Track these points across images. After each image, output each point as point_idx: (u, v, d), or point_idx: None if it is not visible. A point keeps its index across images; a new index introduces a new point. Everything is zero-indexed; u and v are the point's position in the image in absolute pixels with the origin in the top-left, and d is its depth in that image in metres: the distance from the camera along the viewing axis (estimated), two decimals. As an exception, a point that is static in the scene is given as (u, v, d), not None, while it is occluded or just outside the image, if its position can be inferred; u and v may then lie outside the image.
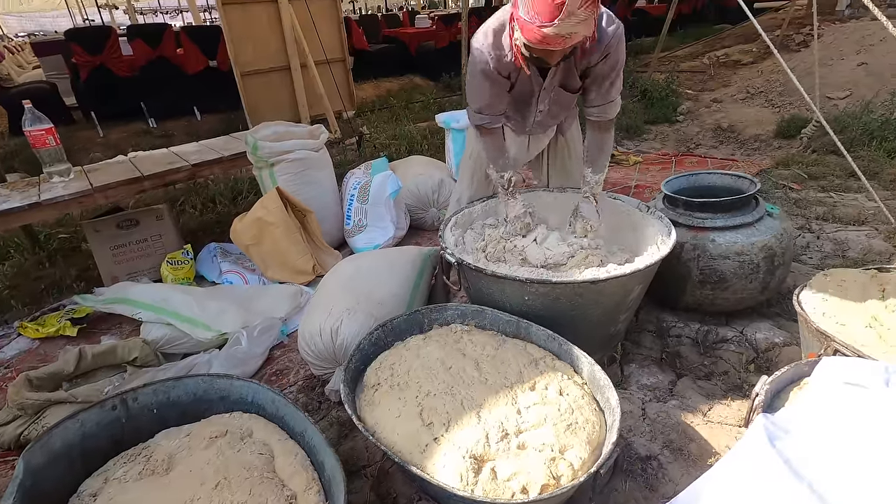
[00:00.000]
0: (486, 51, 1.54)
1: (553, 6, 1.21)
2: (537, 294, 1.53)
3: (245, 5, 4.80)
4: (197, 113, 5.57)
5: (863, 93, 4.39)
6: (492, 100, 1.64)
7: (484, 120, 1.68)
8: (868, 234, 2.54)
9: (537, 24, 1.26)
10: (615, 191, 3.43)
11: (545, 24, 1.25)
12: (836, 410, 1.12)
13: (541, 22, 1.25)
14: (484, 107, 1.66)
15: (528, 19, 1.27)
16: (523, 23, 1.30)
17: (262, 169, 2.64)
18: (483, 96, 1.63)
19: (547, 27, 1.25)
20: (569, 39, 1.30)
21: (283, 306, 2.19)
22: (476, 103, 1.67)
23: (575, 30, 1.27)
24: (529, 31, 1.30)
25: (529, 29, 1.29)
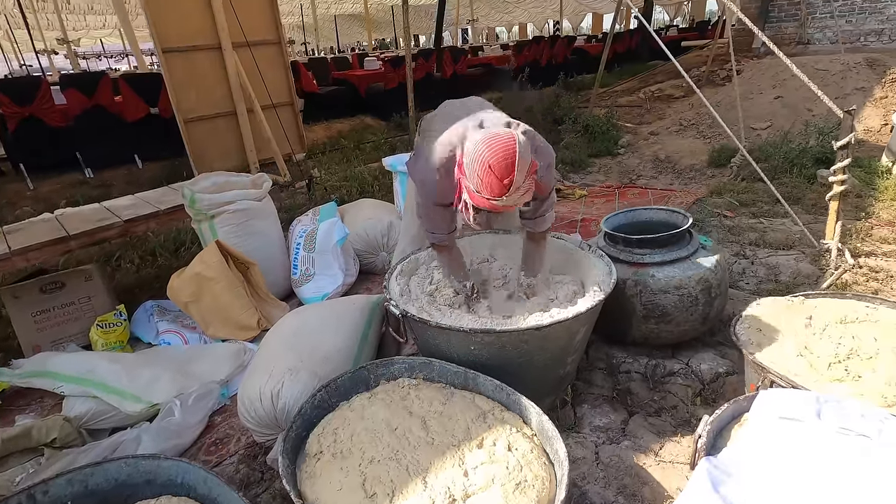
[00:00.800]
0: (437, 186, 1.59)
1: (502, 185, 1.33)
2: (483, 343, 1.51)
3: (187, 53, 4.75)
4: (138, 161, 5.38)
5: (781, 123, 4.76)
6: (442, 223, 1.71)
7: (437, 238, 1.73)
8: (796, 257, 2.69)
9: (486, 196, 1.36)
10: (562, 225, 3.51)
11: (494, 198, 1.35)
12: (773, 447, 1.13)
13: (490, 196, 1.35)
14: (435, 227, 1.71)
15: (478, 192, 1.37)
16: (473, 194, 1.40)
17: (202, 221, 2.54)
18: (436, 222, 1.70)
19: (496, 200, 1.36)
20: (513, 206, 1.44)
21: (225, 367, 2.08)
22: (428, 225, 1.72)
23: (519, 200, 1.40)
24: (479, 200, 1.40)
25: (478, 199, 1.39)
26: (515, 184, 1.33)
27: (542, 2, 23.39)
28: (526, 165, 1.35)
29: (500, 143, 1.33)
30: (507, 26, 29.65)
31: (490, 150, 1.33)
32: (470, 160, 1.37)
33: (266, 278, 2.59)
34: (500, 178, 1.32)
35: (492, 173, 1.32)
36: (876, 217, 3.12)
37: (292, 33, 25.98)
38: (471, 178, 1.37)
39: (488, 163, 1.32)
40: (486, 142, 1.35)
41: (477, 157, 1.35)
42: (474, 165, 1.35)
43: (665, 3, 23.98)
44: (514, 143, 1.34)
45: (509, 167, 1.32)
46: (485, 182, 1.34)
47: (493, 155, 1.32)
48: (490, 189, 1.34)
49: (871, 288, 2.34)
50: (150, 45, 4.74)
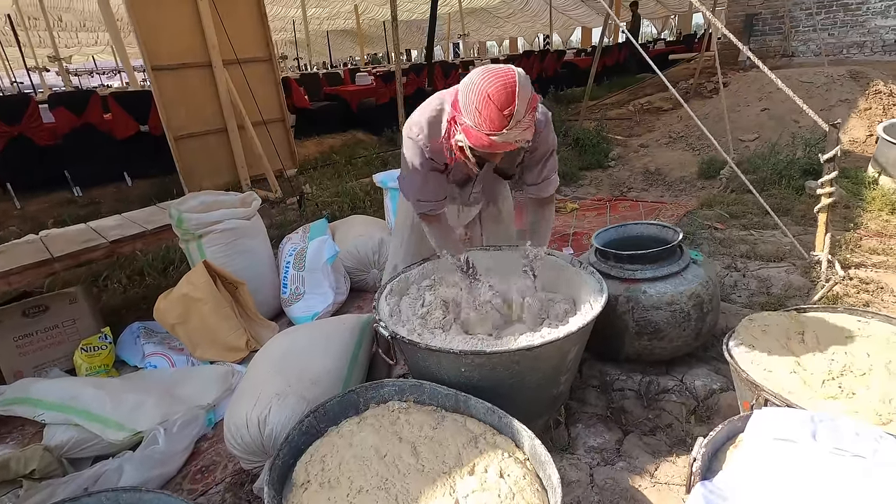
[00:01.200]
0: (422, 144, 1.54)
1: (502, 117, 1.24)
2: (473, 365, 1.48)
3: (177, 71, 4.76)
4: (128, 179, 5.35)
5: (768, 135, 4.81)
6: (433, 189, 1.64)
7: (426, 207, 1.67)
8: (787, 269, 2.70)
9: (485, 131, 1.28)
10: (554, 238, 3.51)
11: (493, 133, 1.27)
12: (769, 470, 1.12)
13: (489, 130, 1.27)
14: (423, 193, 1.65)
15: (475, 126, 1.29)
16: (469, 129, 1.31)
17: (190, 241, 2.51)
18: (423, 188, 1.63)
19: (495, 135, 1.27)
20: (511, 146, 1.33)
21: (212, 390, 2.03)
22: (416, 194, 1.66)
23: (520, 136, 1.31)
24: (476, 137, 1.31)
25: (476, 135, 1.30)
26: (516, 115, 1.24)
27: (532, 16, 23.77)
28: (527, 96, 1.27)
29: (498, 73, 1.26)
30: (497, 41, 30.06)
31: (488, 80, 1.25)
32: (466, 92, 1.28)
33: (255, 298, 2.56)
34: (500, 109, 1.23)
35: (491, 103, 1.23)
36: (864, 227, 3.14)
37: (284, 49, 26.20)
38: (467, 112, 1.28)
39: (487, 92, 1.23)
40: (483, 73, 1.27)
41: (474, 88, 1.26)
42: (471, 97, 1.26)
43: (652, 17, 24.44)
44: (513, 72, 1.26)
45: (510, 96, 1.23)
46: (483, 114, 1.25)
47: (491, 84, 1.24)
48: (490, 121, 1.25)
49: (862, 300, 2.34)
50: (142, 61, 4.73)
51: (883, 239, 2.97)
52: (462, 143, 1.37)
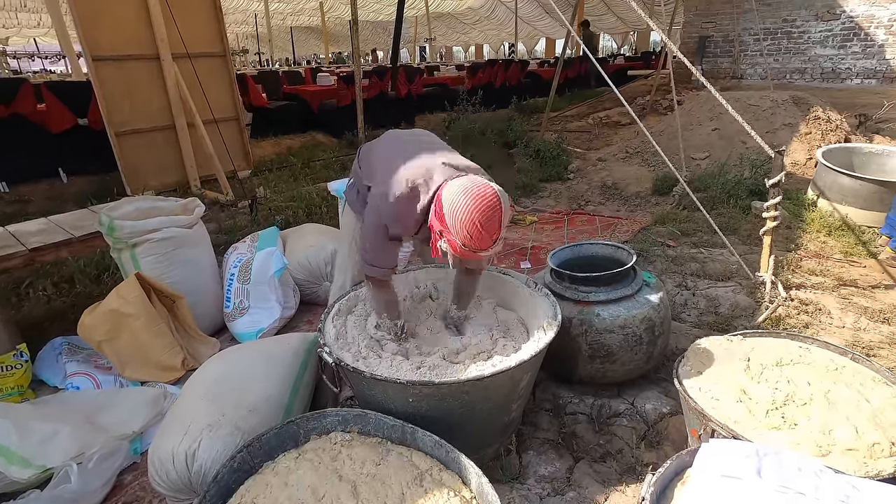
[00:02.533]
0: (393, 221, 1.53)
1: (491, 240, 1.35)
2: (422, 395, 1.41)
3: (121, 62, 4.46)
4: (63, 175, 4.96)
5: (718, 155, 5.00)
6: (388, 257, 1.64)
7: (377, 272, 1.64)
8: (734, 289, 2.78)
9: (473, 249, 1.35)
10: (513, 252, 3.50)
11: (481, 250, 1.35)
12: (716, 510, 1.10)
13: (478, 248, 1.35)
14: (378, 261, 1.63)
15: (465, 245, 1.35)
16: (457, 247, 1.36)
17: (122, 251, 2.32)
18: (380, 256, 1.62)
19: (482, 252, 1.36)
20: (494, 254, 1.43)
21: (140, 416, 1.87)
22: (370, 257, 1.63)
23: (500, 247, 1.41)
24: (462, 253, 1.37)
25: (462, 252, 1.36)
26: (501, 236, 1.36)
27: (498, 25, 24.07)
28: (508, 218, 1.38)
29: (484, 200, 1.34)
30: (463, 46, 30.27)
31: (477, 207, 1.32)
32: (455, 216, 1.34)
33: (196, 312, 2.40)
34: (489, 235, 1.33)
35: (481, 230, 1.32)
36: (804, 249, 3.29)
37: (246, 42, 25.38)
38: (456, 232, 1.35)
39: (476, 221, 1.32)
40: (468, 195, 1.34)
41: (462, 211, 1.33)
42: (460, 218, 1.33)
43: (613, 32, 25.25)
44: (497, 197, 1.35)
45: (496, 223, 1.34)
46: (473, 237, 1.34)
47: (481, 214, 1.32)
48: (479, 244, 1.34)
49: (802, 321, 2.43)
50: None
51: (821, 260, 3.11)
52: (445, 251, 1.43)
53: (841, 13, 7.39)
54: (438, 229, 1.40)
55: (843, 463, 1.28)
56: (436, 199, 1.40)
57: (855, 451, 1.31)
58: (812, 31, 7.69)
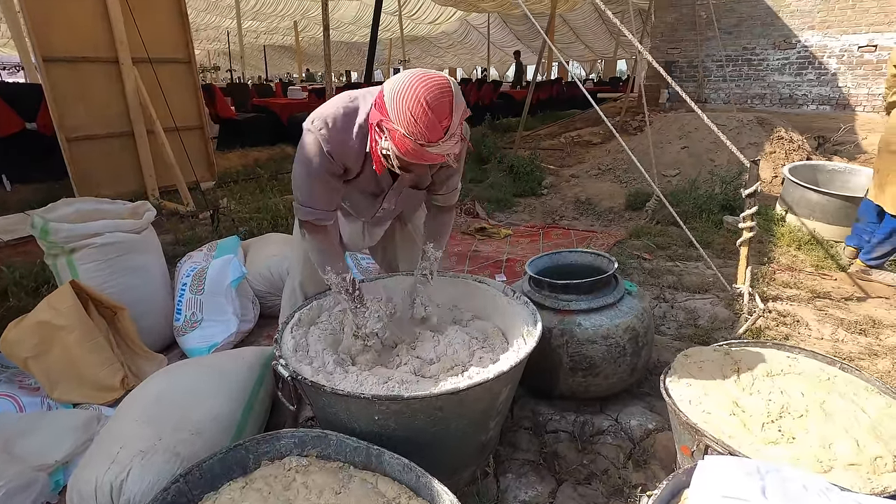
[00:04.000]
0: (324, 141, 1.33)
1: (439, 128, 1.15)
2: (389, 412, 1.25)
3: (74, 63, 4.22)
4: (6, 182, 4.62)
5: (688, 171, 5.08)
6: (324, 195, 1.42)
7: (313, 215, 1.43)
8: (712, 301, 2.73)
9: (420, 141, 1.15)
10: (487, 265, 3.39)
11: (429, 143, 1.15)
12: (720, 536, 0.98)
13: (425, 140, 1.15)
14: (314, 201, 1.42)
15: (409, 135, 1.14)
16: (399, 136, 1.16)
17: (58, 256, 2.09)
18: (314, 191, 1.41)
19: (430, 146, 1.16)
20: (444, 156, 1.21)
21: (66, 442, 1.62)
22: (304, 196, 1.42)
23: (452, 148, 1.20)
24: (405, 145, 1.16)
25: (406, 144, 1.16)
26: (452, 126, 1.16)
27: (471, 49, 24.56)
28: (461, 106, 1.19)
29: (432, 79, 1.15)
30: (437, 69, 30.72)
31: (424, 85, 1.13)
32: (396, 97, 1.14)
33: (142, 325, 2.17)
34: (438, 119, 1.13)
35: (430, 112, 1.12)
36: (776, 262, 3.30)
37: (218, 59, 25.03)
38: (399, 119, 1.14)
39: (424, 99, 1.11)
40: (415, 76, 1.15)
41: (408, 93, 1.13)
42: (405, 102, 1.13)
43: (581, 60, 26.11)
44: (447, 82, 1.17)
45: (448, 105, 1.14)
46: (421, 123, 1.13)
47: (427, 91, 1.12)
48: (427, 131, 1.13)
49: (783, 333, 2.39)
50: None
51: (793, 273, 3.11)
52: (388, 152, 1.21)
53: (796, 43, 7.77)
54: (378, 122, 1.19)
55: (846, 479, 1.18)
56: (377, 94, 1.21)
57: (857, 466, 1.22)
58: (770, 59, 8.05)
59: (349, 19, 18.20)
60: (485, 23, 19.48)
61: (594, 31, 20.66)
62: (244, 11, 15.55)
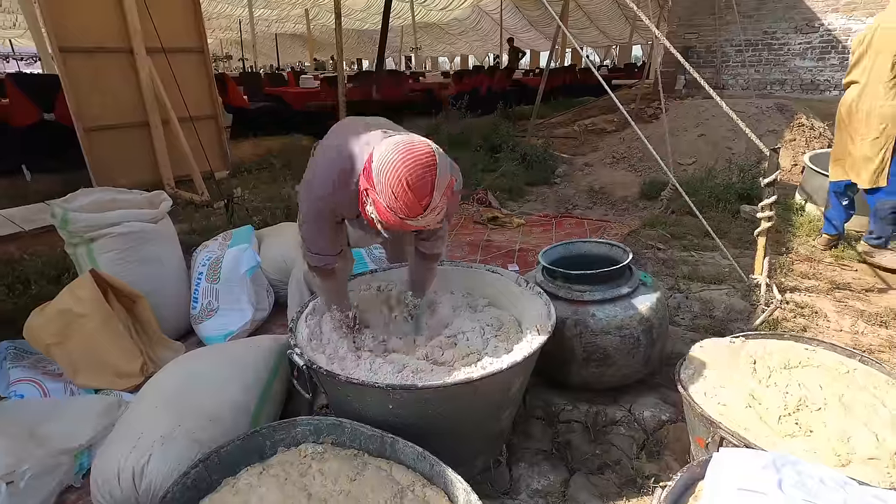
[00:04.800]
0: (328, 198, 1.39)
1: (418, 206, 1.17)
2: (403, 401, 1.27)
3: (91, 54, 4.25)
4: (26, 172, 4.70)
5: (705, 160, 4.98)
6: (329, 242, 1.50)
7: (320, 261, 1.50)
8: (728, 292, 2.69)
9: (399, 216, 1.18)
10: (500, 254, 3.38)
11: (409, 219, 1.18)
12: (735, 528, 0.98)
13: (403, 216, 1.18)
14: (321, 248, 1.49)
15: (389, 209, 1.18)
16: (383, 210, 1.19)
17: (78, 246, 2.13)
18: (321, 241, 1.48)
19: (410, 220, 1.19)
20: (425, 227, 1.26)
21: (88, 427, 1.66)
22: (313, 245, 1.49)
23: (433, 220, 1.23)
24: (389, 218, 1.19)
25: (390, 217, 1.19)
26: (433, 204, 1.17)
27: (483, 36, 24.26)
28: (444, 183, 1.19)
29: (416, 157, 1.16)
30: (449, 56, 30.43)
31: (405, 163, 1.14)
32: (381, 171, 1.17)
33: (160, 314, 2.21)
34: (418, 199, 1.15)
35: (408, 192, 1.14)
36: (795, 252, 3.24)
37: (230, 48, 25.08)
38: (382, 194, 1.17)
39: (405, 180, 1.13)
40: (400, 151, 1.16)
41: (391, 170, 1.15)
42: (387, 178, 1.15)
43: (596, 46, 25.65)
44: (433, 156, 1.17)
45: (428, 186, 1.15)
46: (400, 200, 1.15)
47: (409, 171, 1.14)
48: (406, 208, 1.16)
49: (800, 324, 2.35)
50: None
51: (812, 264, 3.06)
52: (373, 217, 1.25)
53: (819, 26, 7.54)
54: (365, 188, 1.22)
55: (865, 473, 1.17)
56: (368, 157, 1.24)
57: (877, 460, 1.20)
58: (792, 43, 7.83)
59: (360, 6, 18.06)
60: (497, 9, 19.19)
61: (609, 15, 20.25)
62: (256, 0, 15.53)
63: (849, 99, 2.91)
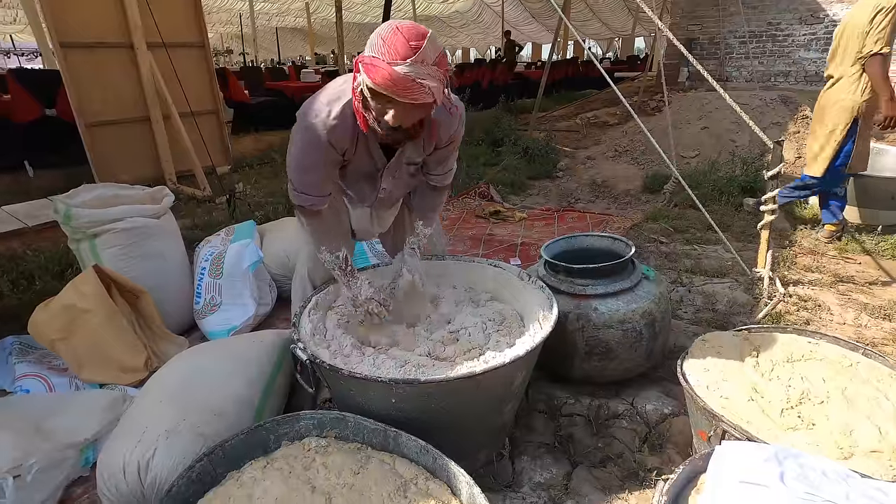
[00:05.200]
0: (324, 118, 1.35)
1: (408, 46, 1.14)
2: (406, 395, 1.27)
3: (92, 49, 4.24)
4: (28, 168, 4.71)
5: (708, 153, 4.96)
6: (318, 178, 1.45)
7: (306, 200, 1.47)
8: (730, 285, 2.68)
9: (388, 60, 1.14)
10: (502, 248, 3.37)
11: (396, 63, 1.14)
12: (738, 521, 0.98)
13: (391, 59, 1.14)
14: (308, 185, 1.45)
15: (378, 56, 1.16)
16: (371, 62, 1.17)
17: (81, 241, 2.14)
18: (309, 173, 1.43)
19: (398, 66, 1.14)
20: (415, 91, 1.17)
21: (93, 421, 1.68)
22: (299, 180, 1.45)
23: (423, 81, 1.16)
24: (377, 70, 1.16)
25: (378, 68, 1.16)
26: (423, 52, 1.14)
27: (485, 29, 24.10)
28: (437, 47, 1.18)
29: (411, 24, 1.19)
30: (450, 49, 30.28)
31: (399, 21, 1.19)
32: (375, 33, 1.20)
33: (163, 309, 2.22)
34: (407, 39, 1.14)
35: (399, 34, 1.15)
36: (798, 246, 3.23)
37: (230, 42, 24.97)
38: (372, 46, 1.18)
39: (396, 25, 1.16)
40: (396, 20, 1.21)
41: (384, 26, 1.19)
42: (379, 32, 1.18)
43: (598, 38, 25.47)
44: (425, 29, 1.19)
45: (419, 34, 1.16)
46: (389, 42, 1.15)
47: (402, 22, 1.18)
48: (395, 49, 1.14)
49: (803, 318, 2.35)
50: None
51: (815, 257, 3.05)
52: (364, 85, 1.23)
53: (824, 17, 7.46)
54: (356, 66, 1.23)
55: (867, 466, 1.17)
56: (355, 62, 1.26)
57: (879, 453, 1.20)
58: (796, 34, 7.75)
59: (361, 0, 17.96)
60: (498, 1, 19.05)
61: (611, 7, 20.08)
62: (256, -7, 15.44)
63: (823, 94, 3.06)
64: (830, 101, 2.96)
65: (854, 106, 2.84)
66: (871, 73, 2.72)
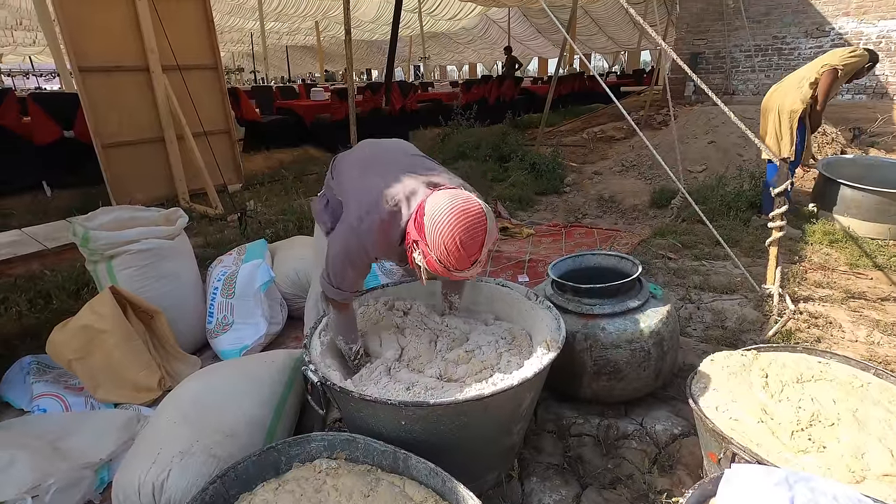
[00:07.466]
0: (371, 245, 1.42)
1: (469, 261, 1.26)
2: (415, 417, 1.29)
3: (109, 73, 4.37)
4: (47, 188, 4.83)
5: (715, 167, 4.96)
6: (356, 281, 1.54)
7: (339, 295, 1.54)
8: (740, 302, 2.67)
9: (451, 269, 1.27)
10: (509, 265, 3.39)
11: (458, 270, 1.27)
12: (747, 547, 0.98)
13: (454, 269, 1.27)
14: (347, 284, 1.52)
15: (439, 261, 1.26)
16: (432, 262, 1.28)
17: (98, 263, 2.19)
18: (348, 280, 1.51)
19: (457, 272, 1.28)
20: (471, 277, 1.34)
21: (109, 441, 1.71)
22: (339, 279, 1.51)
23: (479, 270, 1.31)
24: (437, 269, 1.29)
25: (436, 267, 1.28)
26: (481, 258, 1.28)
27: (491, 44, 24.37)
28: (492, 240, 1.30)
29: (470, 218, 1.25)
30: (457, 65, 30.64)
31: (460, 224, 1.24)
32: (435, 228, 1.25)
33: (177, 328, 2.26)
34: (468, 255, 1.25)
35: (460, 249, 1.24)
36: (808, 261, 3.21)
37: (241, 61, 25.50)
38: (434, 247, 1.26)
39: (458, 238, 1.23)
40: (454, 212, 1.24)
41: (445, 228, 1.24)
42: (441, 236, 1.24)
43: (603, 52, 25.65)
44: (484, 217, 1.27)
45: (478, 244, 1.26)
46: (451, 255, 1.24)
47: (463, 231, 1.23)
48: (457, 263, 1.26)
49: (814, 335, 2.33)
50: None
51: (826, 272, 3.03)
52: (420, 265, 1.33)
53: (830, 30, 7.48)
54: (415, 239, 1.30)
55: (879, 490, 1.16)
56: (418, 208, 1.31)
57: (891, 476, 1.19)
58: (802, 47, 7.77)
59: (370, 18, 18.28)
60: (505, 17, 19.31)
61: (617, 21, 20.24)
62: (267, 13, 15.79)
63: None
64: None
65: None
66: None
